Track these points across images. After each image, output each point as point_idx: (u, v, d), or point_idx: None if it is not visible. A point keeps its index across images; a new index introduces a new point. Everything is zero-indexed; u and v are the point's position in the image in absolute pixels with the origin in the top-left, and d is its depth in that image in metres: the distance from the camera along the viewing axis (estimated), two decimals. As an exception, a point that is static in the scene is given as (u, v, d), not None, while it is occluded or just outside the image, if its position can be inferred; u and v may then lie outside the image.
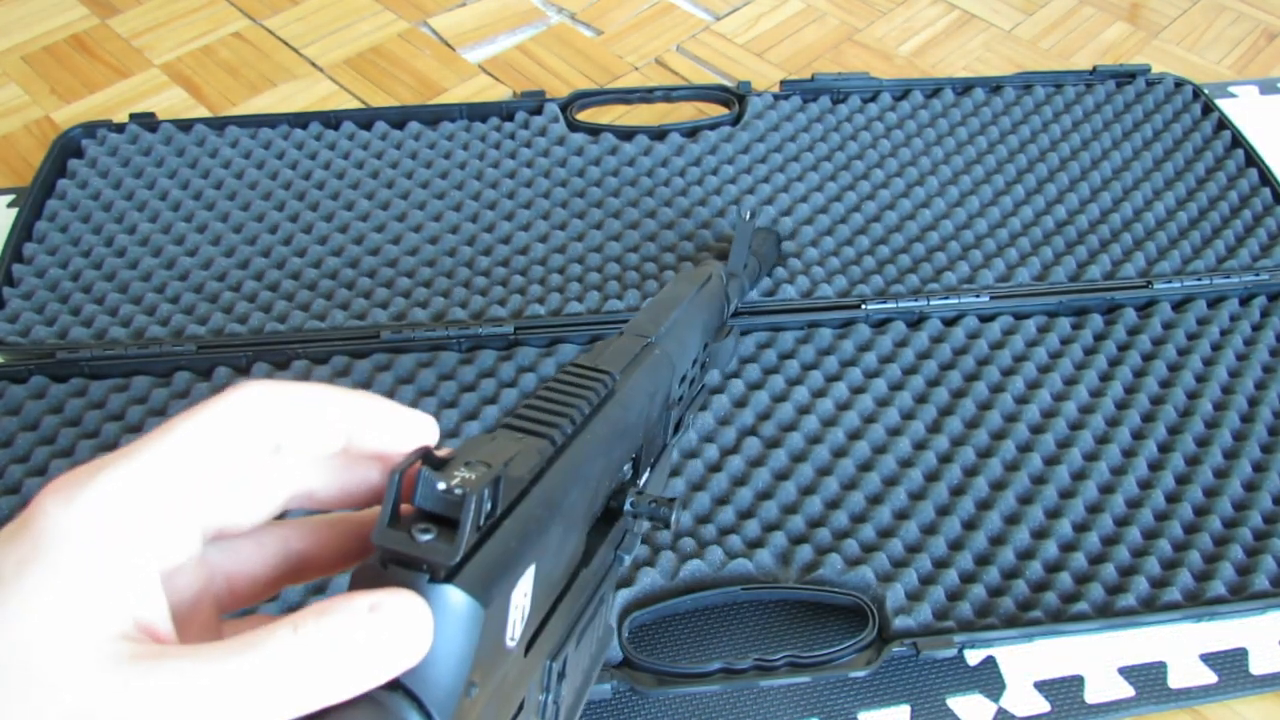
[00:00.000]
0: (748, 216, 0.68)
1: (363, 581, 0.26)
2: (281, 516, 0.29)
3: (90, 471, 0.24)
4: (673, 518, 0.38)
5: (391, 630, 0.24)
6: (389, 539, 0.26)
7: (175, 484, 0.25)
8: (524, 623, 0.29)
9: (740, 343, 0.74)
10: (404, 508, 0.26)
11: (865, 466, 0.68)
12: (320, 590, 0.61)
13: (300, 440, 0.27)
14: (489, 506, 0.27)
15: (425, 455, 0.27)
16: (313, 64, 1.03)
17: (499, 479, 0.27)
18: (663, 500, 0.38)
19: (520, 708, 0.30)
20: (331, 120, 0.89)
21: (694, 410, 0.53)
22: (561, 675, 0.32)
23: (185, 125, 0.88)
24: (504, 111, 0.90)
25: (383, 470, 0.29)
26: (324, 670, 0.23)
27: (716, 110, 0.92)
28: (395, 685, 0.25)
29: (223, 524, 0.27)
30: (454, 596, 0.25)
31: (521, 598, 0.28)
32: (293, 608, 0.28)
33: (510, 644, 0.28)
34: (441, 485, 0.27)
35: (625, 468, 0.39)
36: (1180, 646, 0.62)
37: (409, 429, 0.29)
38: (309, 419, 0.27)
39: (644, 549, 0.63)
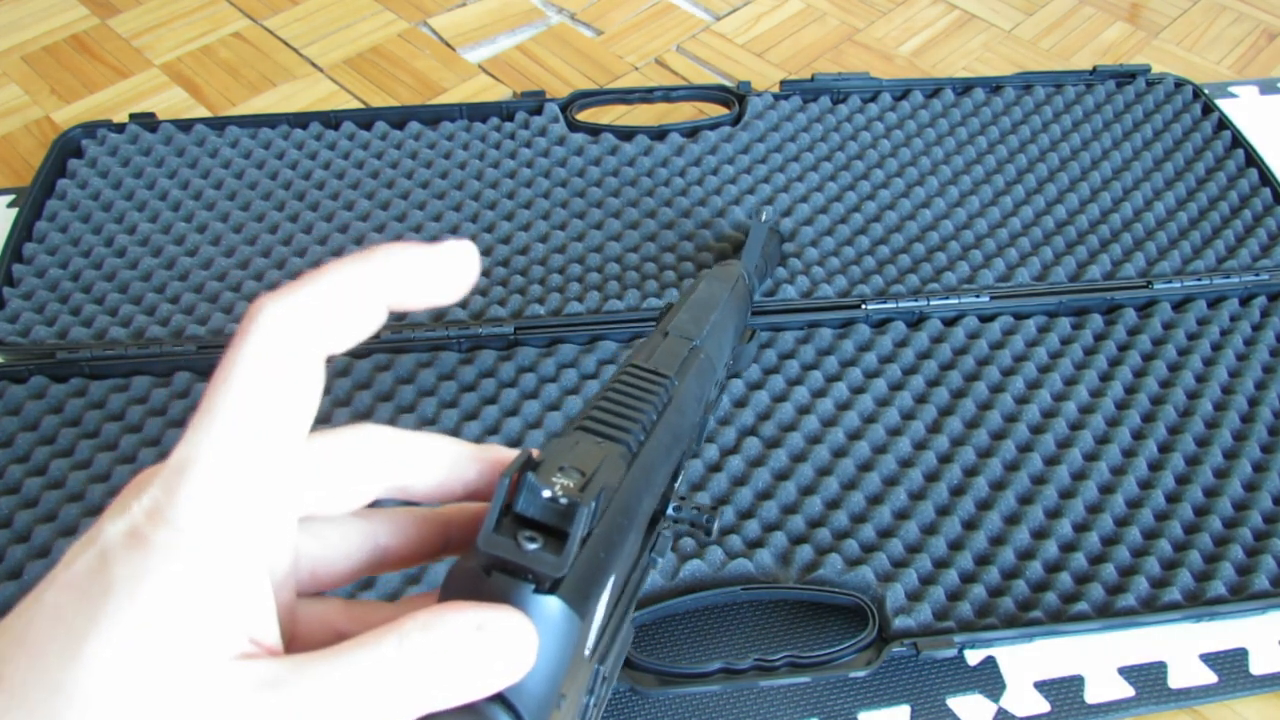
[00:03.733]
0: (762, 218, 0.68)
1: (462, 586, 0.25)
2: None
3: (206, 471, 0.22)
4: (715, 526, 0.37)
5: (497, 651, 0.23)
6: (496, 545, 0.25)
7: (284, 489, 0.24)
8: (597, 632, 0.29)
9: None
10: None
11: (865, 466, 0.68)
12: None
13: (405, 482, 0.27)
14: (596, 519, 0.27)
15: (528, 461, 0.27)
16: (313, 64, 1.03)
17: (603, 490, 0.27)
18: (705, 508, 0.37)
19: None
20: (331, 120, 0.89)
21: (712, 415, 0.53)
22: (606, 678, 0.33)
23: (185, 125, 0.88)
24: (504, 111, 0.90)
25: (481, 469, 0.29)
26: (426, 686, 0.22)
27: (716, 110, 0.92)
28: (495, 696, 0.24)
29: (314, 511, 0.27)
30: (557, 609, 0.25)
31: (601, 608, 0.28)
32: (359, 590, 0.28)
33: (587, 654, 0.28)
34: (547, 494, 0.26)
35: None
36: (1180, 646, 0.62)
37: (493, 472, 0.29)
38: (420, 471, 0.27)
39: (644, 549, 0.63)
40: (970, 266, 0.79)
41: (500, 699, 0.25)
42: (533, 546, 0.25)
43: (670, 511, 0.37)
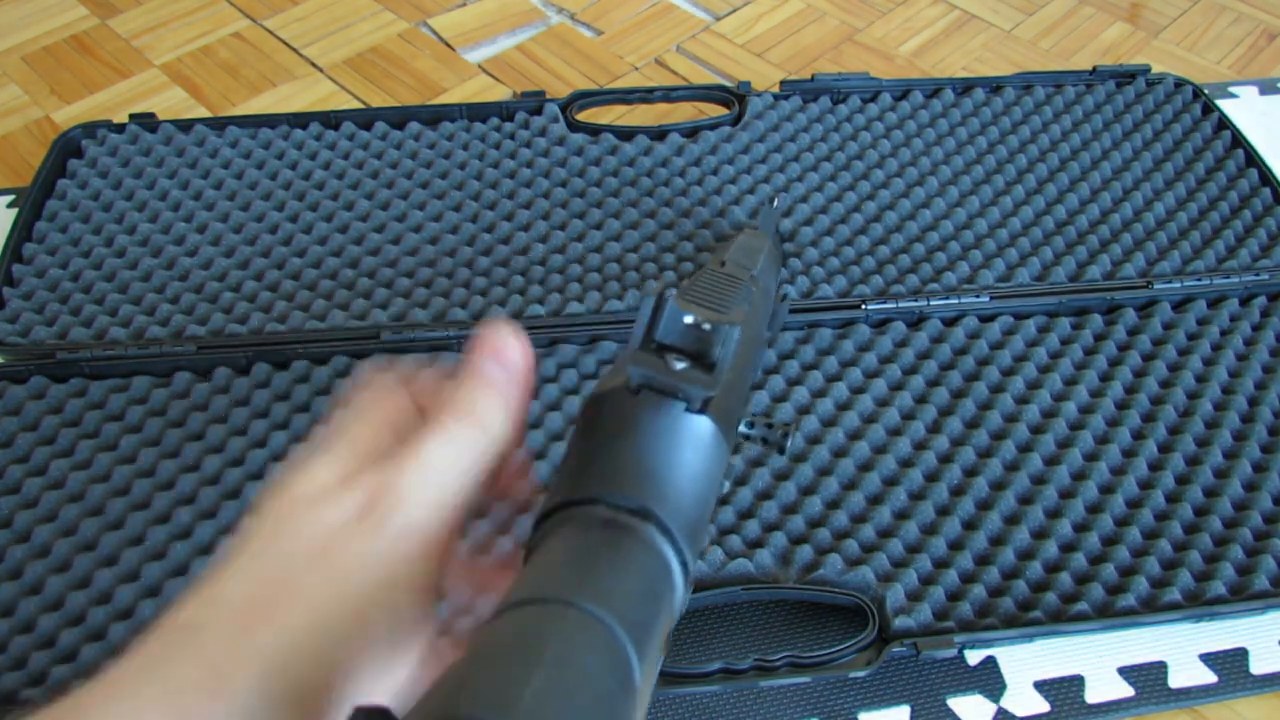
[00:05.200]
0: (773, 204, 0.68)
1: (614, 406, 0.26)
2: None
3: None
4: (788, 442, 0.36)
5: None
6: (644, 362, 0.26)
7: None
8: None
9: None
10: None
11: (865, 466, 0.68)
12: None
13: None
14: (739, 346, 0.27)
15: (663, 291, 0.28)
16: (313, 64, 1.03)
17: (739, 323, 0.28)
18: (779, 424, 0.36)
19: None
20: (331, 120, 0.89)
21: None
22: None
23: (185, 125, 0.88)
24: (504, 111, 0.90)
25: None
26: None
27: (716, 110, 0.92)
28: (649, 516, 0.25)
29: None
30: (709, 429, 0.26)
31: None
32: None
33: (725, 485, 0.29)
34: (689, 319, 0.27)
35: None
36: (1180, 646, 0.62)
37: None
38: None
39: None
40: (970, 266, 0.79)
41: (653, 518, 0.25)
42: (682, 365, 0.26)
43: (743, 429, 0.36)
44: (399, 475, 0.27)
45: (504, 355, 0.31)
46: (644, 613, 0.25)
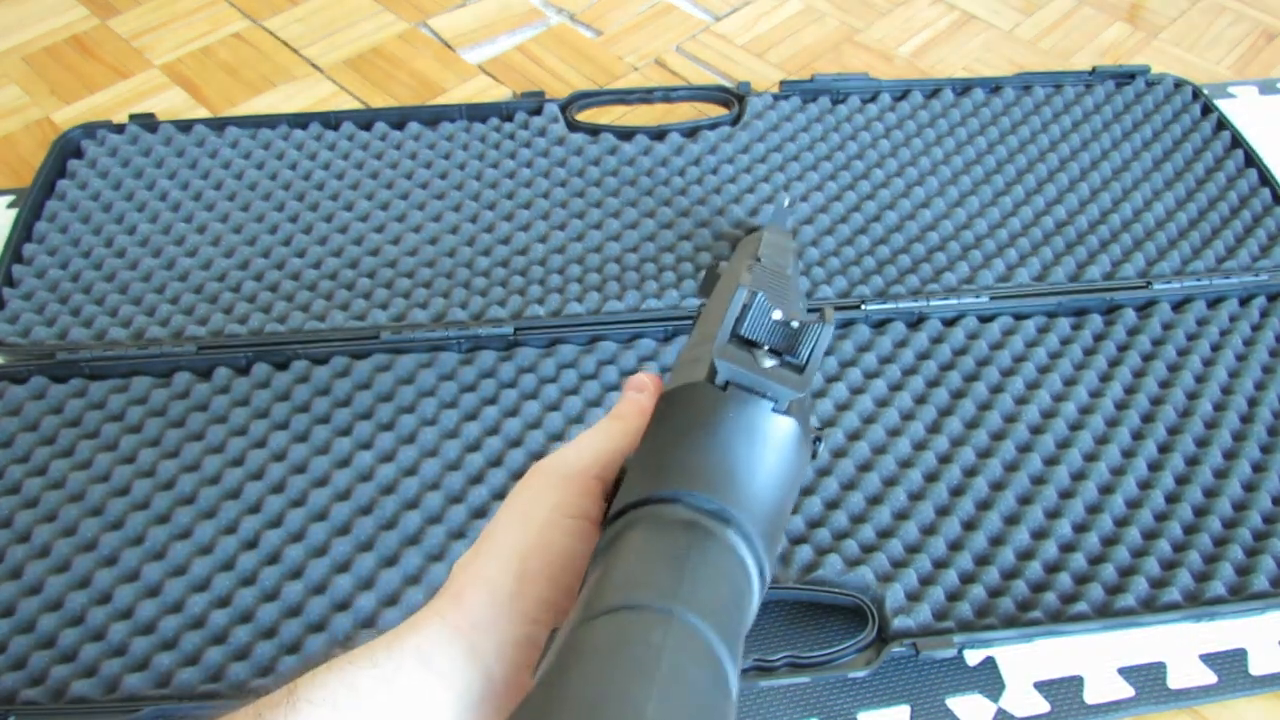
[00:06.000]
0: (786, 204, 0.67)
1: (698, 401, 0.25)
2: None
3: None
4: (820, 447, 0.35)
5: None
6: (733, 357, 0.25)
7: None
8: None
9: None
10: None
11: (865, 467, 0.68)
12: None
13: None
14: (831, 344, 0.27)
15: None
16: (313, 64, 1.03)
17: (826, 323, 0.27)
18: (813, 429, 0.36)
19: None
20: (331, 120, 0.89)
21: None
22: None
23: (185, 126, 0.88)
24: (504, 112, 0.90)
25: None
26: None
27: (716, 110, 0.92)
28: (730, 520, 0.24)
29: None
30: (793, 432, 0.25)
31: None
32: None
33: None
34: (778, 314, 0.26)
35: None
36: (1180, 647, 0.62)
37: None
38: None
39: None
40: (970, 267, 0.79)
41: (736, 524, 0.24)
42: (771, 362, 0.25)
43: None
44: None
45: (638, 383, 0.38)
46: (734, 622, 0.24)
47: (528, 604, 0.31)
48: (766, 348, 0.26)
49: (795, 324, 0.26)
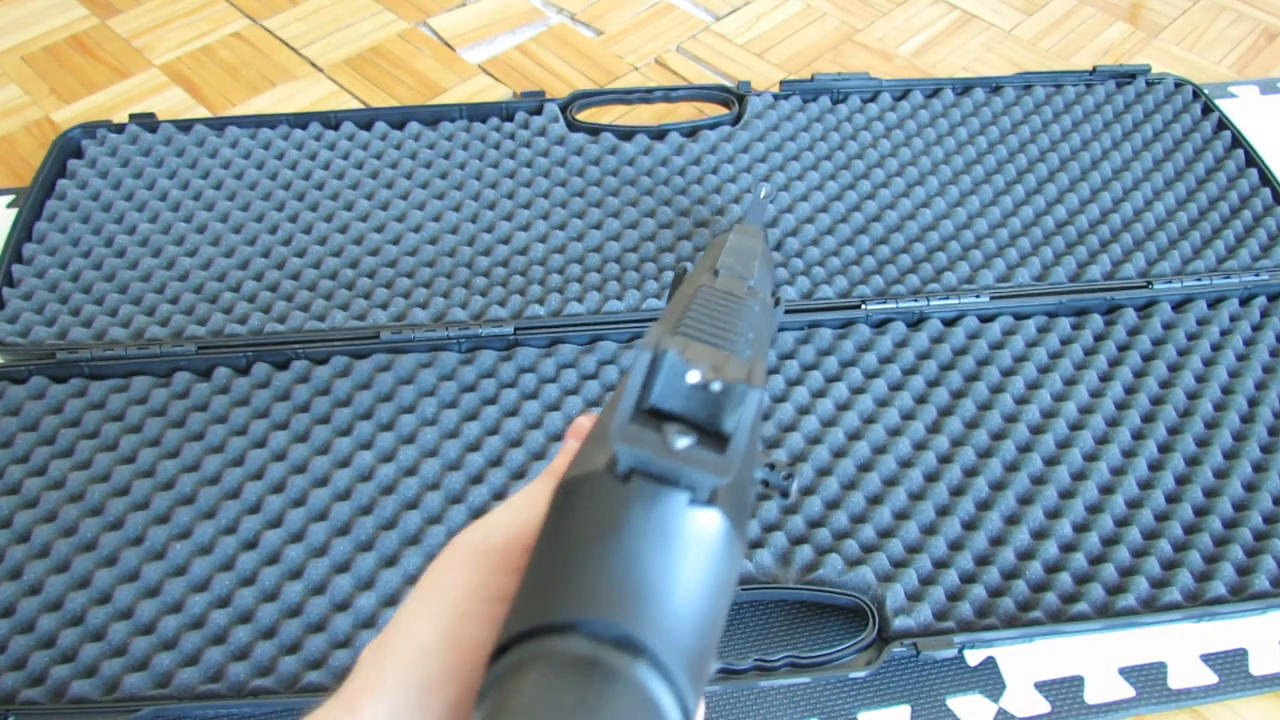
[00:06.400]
0: (763, 195, 0.65)
1: (596, 497, 0.21)
2: None
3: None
4: (792, 485, 0.30)
5: None
6: (637, 439, 0.20)
7: None
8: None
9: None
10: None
11: (865, 467, 0.68)
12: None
13: None
14: (761, 408, 0.21)
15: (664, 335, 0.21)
16: (313, 64, 1.03)
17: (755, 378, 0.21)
18: (781, 464, 0.30)
19: None
20: (331, 120, 0.89)
21: None
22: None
23: (185, 126, 0.88)
24: (504, 111, 0.90)
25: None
26: None
27: (716, 110, 0.92)
28: (640, 650, 0.20)
29: None
30: (719, 529, 0.20)
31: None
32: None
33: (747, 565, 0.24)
34: (694, 376, 0.21)
35: None
36: (1180, 647, 0.62)
37: None
38: None
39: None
40: (970, 267, 0.79)
41: (648, 655, 0.20)
42: (685, 442, 0.20)
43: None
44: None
45: (578, 430, 0.34)
46: None
47: (431, 714, 0.28)
48: (683, 420, 0.21)
49: (716, 386, 0.21)
